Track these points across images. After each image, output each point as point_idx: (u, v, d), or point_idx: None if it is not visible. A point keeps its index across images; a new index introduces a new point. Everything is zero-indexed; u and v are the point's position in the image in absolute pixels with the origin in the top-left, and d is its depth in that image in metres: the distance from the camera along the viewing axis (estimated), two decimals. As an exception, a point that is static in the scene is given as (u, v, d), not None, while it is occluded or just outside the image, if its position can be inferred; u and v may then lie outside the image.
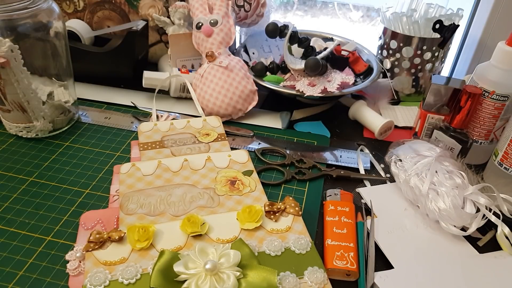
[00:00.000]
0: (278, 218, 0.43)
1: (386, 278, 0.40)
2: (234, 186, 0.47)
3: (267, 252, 0.39)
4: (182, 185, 0.47)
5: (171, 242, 0.40)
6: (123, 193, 0.46)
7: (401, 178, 0.50)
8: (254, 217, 0.42)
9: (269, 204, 0.44)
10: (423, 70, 0.70)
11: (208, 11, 0.67)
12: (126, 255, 0.38)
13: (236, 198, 0.46)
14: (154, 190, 0.46)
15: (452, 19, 0.67)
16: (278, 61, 0.73)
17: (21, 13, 0.51)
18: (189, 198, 0.45)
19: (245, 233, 0.41)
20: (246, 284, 0.35)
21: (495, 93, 0.51)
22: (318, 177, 0.54)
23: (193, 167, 0.50)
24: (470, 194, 0.45)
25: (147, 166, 0.50)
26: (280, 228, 0.42)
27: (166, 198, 0.45)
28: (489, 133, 0.55)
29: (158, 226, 0.41)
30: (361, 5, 0.97)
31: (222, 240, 0.40)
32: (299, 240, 0.40)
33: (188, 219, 0.41)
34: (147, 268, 0.37)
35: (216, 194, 0.46)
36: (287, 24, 0.68)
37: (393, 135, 0.64)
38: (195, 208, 0.44)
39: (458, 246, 0.45)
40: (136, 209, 0.44)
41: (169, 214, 0.43)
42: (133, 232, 0.39)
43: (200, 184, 0.48)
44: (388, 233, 0.46)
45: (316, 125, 0.66)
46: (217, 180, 0.48)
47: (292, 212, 0.43)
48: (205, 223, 0.42)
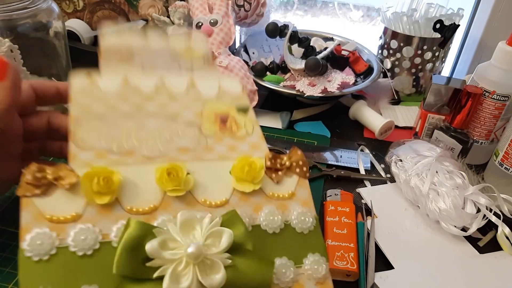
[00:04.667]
0: (280, 178, 0.33)
1: (387, 279, 0.40)
2: (225, 126, 0.36)
3: (263, 228, 0.31)
4: (157, 116, 0.35)
5: (143, 198, 0.29)
6: (77, 118, 0.32)
7: (402, 178, 0.50)
8: (254, 176, 0.32)
9: (272, 157, 0.34)
10: (424, 70, 0.70)
11: (208, 10, 0.67)
12: (81, 211, 0.28)
13: (228, 141, 0.35)
14: (119, 118, 0.33)
15: (453, 19, 0.67)
16: (278, 61, 0.73)
17: (21, 13, 0.50)
18: (167, 135, 0.34)
19: (239, 196, 0.32)
20: (233, 274, 0.27)
21: (495, 93, 0.51)
22: (318, 177, 0.54)
23: (172, 91, 0.37)
24: (470, 194, 0.45)
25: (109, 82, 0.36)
26: (282, 193, 0.33)
27: (136, 131, 0.33)
28: (490, 133, 0.54)
29: (125, 171, 0.30)
30: (361, 5, 0.97)
31: (209, 203, 0.31)
32: (302, 214, 0.32)
33: (168, 171, 0.30)
34: (109, 234, 0.27)
35: (203, 133, 0.34)
36: (287, 23, 0.68)
37: (393, 135, 0.64)
38: (174, 150, 0.33)
39: (458, 247, 0.44)
40: (94, 142, 0.31)
41: (139, 155, 0.31)
42: (90, 180, 0.28)
43: (181, 117, 0.35)
44: (388, 233, 0.45)
45: (316, 125, 0.66)
46: (204, 114, 0.36)
47: (298, 172, 0.34)
48: (190, 175, 0.31)
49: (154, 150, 0.32)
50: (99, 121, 0.33)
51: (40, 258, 0.25)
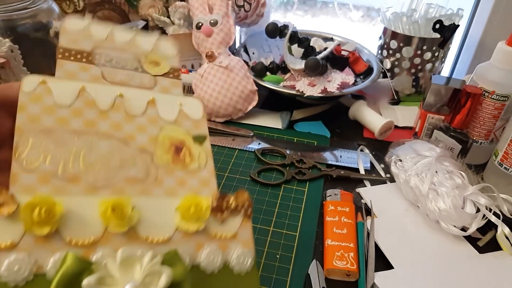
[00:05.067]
0: (225, 218, 0.33)
1: (386, 278, 0.40)
2: (179, 156, 0.35)
3: (201, 266, 0.31)
4: (109, 137, 0.33)
5: (84, 231, 0.28)
6: (22, 129, 0.30)
7: (401, 178, 0.50)
8: (199, 216, 0.32)
9: (220, 197, 0.34)
10: (423, 70, 0.70)
11: (208, 11, 0.67)
12: (17, 239, 0.27)
13: (179, 175, 0.34)
14: (69, 136, 0.31)
15: (452, 19, 0.67)
16: (278, 61, 0.73)
17: (21, 13, 0.51)
18: (117, 162, 0.32)
19: (181, 235, 0.32)
20: None
21: (495, 93, 0.51)
22: (318, 177, 0.54)
23: (130, 109, 0.35)
24: (470, 194, 0.45)
25: (64, 90, 0.33)
26: (225, 233, 0.33)
27: (85, 153, 0.31)
28: (489, 133, 0.55)
29: (68, 201, 0.29)
30: (361, 5, 0.97)
31: (151, 240, 0.31)
32: (242, 255, 0.33)
33: (113, 207, 0.29)
34: (45, 266, 0.26)
35: (154, 163, 0.33)
36: (287, 24, 0.68)
37: (393, 135, 0.64)
38: (122, 181, 0.31)
39: (458, 246, 0.44)
40: (39, 162, 0.29)
41: (85, 183, 0.30)
42: (31, 210, 0.27)
43: (135, 142, 0.34)
44: (388, 233, 0.46)
45: (316, 125, 0.66)
46: (159, 141, 0.35)
47: (243, 213, 0.34)
48: (135, 211, 0.30)
49: (101, 178, 0.31)
50: (46, 136, 0.31)
51: None
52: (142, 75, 0.39)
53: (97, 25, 0.39)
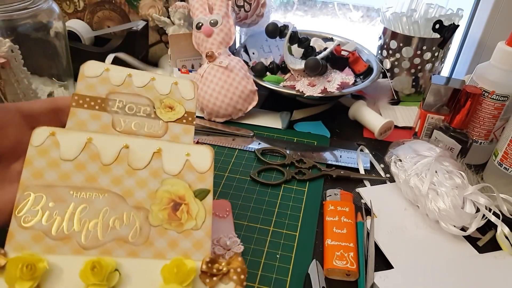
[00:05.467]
0: (214, 284, 0.31)
1: (386, 278, 0.40)
2: (175, 214, 0.34)
3: None
4: (107, 194, 0.33)
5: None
6: (25, 185, 0.31)
7: (401, 178, 0.50)
8: (182, 279, 0.30)
9: (210, 260, 0.32)
10: (423, 70, 0.70)
11: (208, 11, 0.67)
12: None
13: (171, 235, 0.33)
14: (69, 193, 0.32)
15: (452, 19, 0.67)
16: (278, 61, 0.73)
17: (21, 13, 0.51)
18: (111, 221, 0.32)
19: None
20: None
21: (495, 93, 0.51)
22: (318, 177, 0.54)
23: (133, 162, 0.35)
24: (470, 194, 0.45)
25: (71, 142, 0.34)
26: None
27: (81, 211, 0.32)
28: (489, 133, 0.55)
29: (53, 259, 0.29)
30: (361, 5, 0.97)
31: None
32: None
33: (93, 265, 0.29)
34: None
35: (148, 222, 0.33)
36: (287, 24, 0.68)
37: (393, 135, 0.64)
38: (112, 241, 0.31)
39: (458, 246, 0.45)
40: (36, 220, 0.30)
41: (75, 243, 0.31)
42: (15, 266, 0.28)
43: (132, 199, 0.33)
44: (388, 233, 0.46)
45: (316, 125, 0.66)
46: (157, 196, 0.34)
47: (235, 280, 0.32)
48: (116, 272, 0.30)
49: (92, 239, 0.31)
50: (47, 192, 0.32)
51: None
52: (153, 122, 0.39)
53: (116, 69, 0.40)
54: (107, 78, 0.40)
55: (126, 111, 0.38)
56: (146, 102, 0.40)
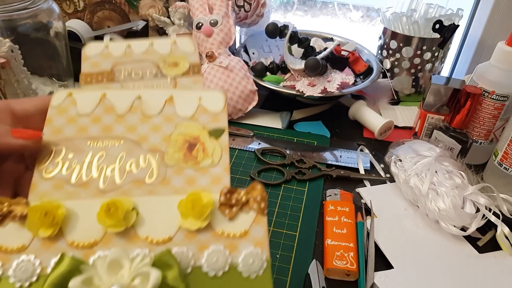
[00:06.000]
0: (234, 214, 0.32)
1: (386, 278, 0.40)
2: (191, 154, 0.34)
3: (204, 269, 0.30)
4: (123, 140, 0.34)
5: (86, 233, 0.30)
6: (46, 140, 0.33)
7: (401, 178, 0.50)
8: (200, 213, 0.32)
9: (228, 191, 0.33)
10: (423, 70, 0.70)
11: (208, 11, 0.67)
12: (27, 242, 0.29)
13: (189, 173, 0.33)
14: (86, 144, 0.34)
15: (452, 19, 0.67)
16: (278, 61, 0.73)
17: (21, 13, 0.51)
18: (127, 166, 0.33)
19: (184, 234, 0.31)
20: None
21: (495, 93, 0.51)
22: (318, 177, 0.54)
23: (146, 110, 0.36)
24: (470, 194, 0.45)
25: (86, 100, 0.36)
26: (233, 231, 0.31)
27: (98, 159, 0.33)
28: (489, 133, 0.55)
29: (72, 205, 0.31)
30: (361, 5, 0.97)
31: (151, 240, 0.31)
32: (252, 256, 0.30)
33: (108, 207, 0.30)
34: (47, 267, 0.28)
35: (164, 163, 0.33)
36: (287, 24, 0.68)
37: (393, 135, 0.64)
38: (129, 183, 0.32)
39: (458, 246, 0.45)
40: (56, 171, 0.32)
41: (94, 188, 0.32)
42: (35, 214, 0.29)
43: (147, 143, 0.34)
44: (388, 233, 0.46)
45: (316, 125, 0.66)
46: (172, 139, 0.35)
47: (255, 208, 0.32)
48: (134, 211, 0.31)
49: (110, 183, 0.32)
50: (66, 145, 0.33)
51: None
52: (161, 81, 0.40)
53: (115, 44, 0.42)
54: (108, 53, 0.41)
55: (133, 77, 0.40)
56: (150, 65, 0.41)
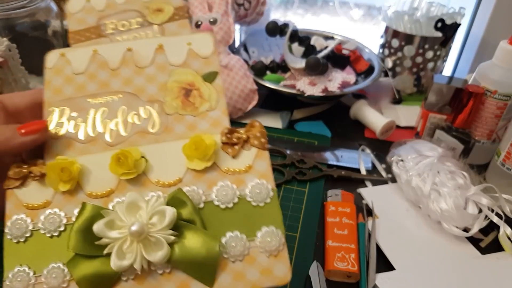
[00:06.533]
0: (237, 152, 0.34)
1: (388, 280, 0.40)
2: (188, 100, 0.36)
3: (215, 203, 0.32)
4: (121, 94, 0.36)
5: (101, 183, 0.33)
6: (49, 102, 0.35)
7: (403, 178, 0.49)
8: (204, 154, 0.33)
9: (228, 131, 0.34)
10: (425, 69, 0.70)
11: (207, 9, 0.66)
12: (50, 198, 0.32)
13: (189, 119, 0.35)
14: (86, 101, 0.36)
15: (454, 18, 0.67)
16: (278, 60, 0.73)
17: (19, 12, 0.50)
18: (129, 118, 0.35)
19: (192, 174, 0.33)
20: (180, 250, 0.29)
21: (497, 92, 0.51)
22: (319, 178, 0.54)
23: (138, 61, 0.37)
24: (472, 195, 0.45)
25: (79, 58, 0.37)
26: (238, 167, 0.33)
27: (101, 115, 0.35)
28: (492, 133, 0.54)
29: (85, 160, 0.33)
30: (362, 4, 0.96)
31: (162, 183, 0.33)
32: (258, 187, 0.33)
33: (118, 157, 0.32)
34: (72, 217, 0.31)
35: (164, 112, 0.35)
36: (288, 22, 0.68)
37: (394, 135, 0.64)
38: (134, 134, 0.35)
39: (460, 247, 0.44)
40: (64, 130, 0.34)
41: (102, 142, 0.34)
42: (53, 171, 0.32)
43: (145, 94, 0.36)
44: (389, 234, 0.45)
45: (316, 124, 0.66)
46: (168, 87, 0.36)
47: (256, 144, 0.34)
48: (142, 159, 0.33)
49: (116, 136, 0.34)
50: (68, 105, 0.35)
51: (19, 240, 0.30)
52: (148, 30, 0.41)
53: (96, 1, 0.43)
54: (90, 7, 0.43)
55: (120, 30, 0.42)
56: (135, 14, 0.43)
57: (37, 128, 0.32)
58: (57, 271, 0.29)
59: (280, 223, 0.32)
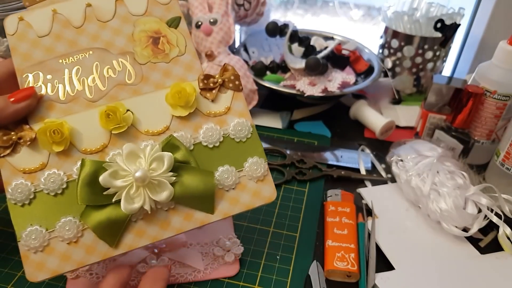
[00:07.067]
0: (214, 96, 0.36)
1: (387, 280, 0.40)
2: (158, 48, 0.37)
3: (203, 144, 0.35)
4: (91, 51, 0.36)
5: (93, 140, 0.34)
6: (20, 69, 0.35)
7: (402, 178, 0.49)
8: (186, 101, 0.35)
9: (204, 77, 0.36)
10: (425, 69, 0.70)
11: (207, 9, 0.66)
12: (45, 160, 0.33)
13: (162, 66, 0.37)
14: (58, 62, 0.35)
15: (454, 18, 0.67)
16: (278, 60, 0.73)
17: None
18: (105, 72, 0.36)
19: (178, 121, 0.35)
20: (181, 187, 0.32)
21: (496, 92, 0.51)
22: (319, 178, 0.54)
23: (101, 15, 0.37)
24: (471, 195, 0.45)
25: (39, 20, 0.36)
26: (218, 110, 0.36)
27: (76, 73, 0.35)
28: (491, 133, 0.54)
29: (73, 119, 0.34)
30: (362, 4, 0.96)
31: (152, 132, 0.35)
32: (239, 125, 0.36)
33: (106, 113, 0.33)
34: (72, 174, 0.33)
35: (137, 62, 0.36)
36: (287, 23, 0.68)
37: (394, 135, 0.64)
38: (113, 88, 0.35)
39: (459, 247, 0.44)
40: (43, 93, 0.35)
41: (83, 99, 0.35)
42: (45, 134, 0.33)
43: (114, 47, 0.36)
44: (389, 234, 0.45)
45: (316, 125, 0.66)
46: (135, 38, 0.37)
47: (231, 87, 0.37)
48: (128, 112, 0.35)
49: (96, 92, 0.35)
50: (40, 69, 0.35)
51: (23, 203, 0.32)
52: None
53: None
54: None
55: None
56: None
57: (27, 94, 0.33)
58: (70, 224, 0.32)
59: (262, 153, 0.36)
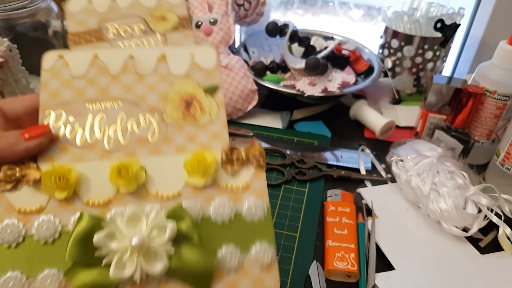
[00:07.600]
0: (236, 171, 0.35)
1: (387, 279, 0.40)
2: (189, 111, 0.36)
3: (212, 219, 0.33)
4: (121, 101, 0.36)
5: (99, 192, 0.32)
6: (44, 105, 0.34)
7: (402, 178, 0.49)
8: (205, 171, 0.34)
9: (229, 150, 0.35)
10: (425, 69, 0.70)
11: (207, 10, 0.66)
12: (44, 203, 0.32)
13: (189, 130, 0.35)
14: (85, 106, 0.35)
15: (454, 18, 0.67)
16: (278, 60, 0.73)
17: (20, 12, 0.50)
18: (128, 126, 0.35)
19: (191, 189, 0.34)
20: (178, 261, 0.30)
21: (496, 92, 0.51)
22: (319, 178, 0.54)
23: (140, 69, 0.37)
24: (471, 195, 0.45)
25: (78, 61, 0.36)
26: (236, 185, 0.34)
27: (99, 121, 0.35)
28: (491, 133, 0.54)
29: (83, 167, 0.33)
30: (362, 4, 0.96)
31: (161, 195, 0.33)
32: (254, 205, 0.34)
33: (118, 169, 0.32)
34: (68, 225, 0.31)
35: (164, 121, 0.35)
36: (287, 23, 0.68)
37: (394, 135, 0.64)
38: (133, 142, 0.34)
39: (459, 247, 0.44)
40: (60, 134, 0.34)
41: (99, 148, 0.34)
42: (50, 178, 0.31)
43: (145, 102, 0.36)
44: (389, 234, 0.45)
45: (316, 125, 0.66)
46: (169, 98, 0.36)
47: (254, 164, 0.35)
48: (143, 170, 0.33)
49: (114, 143, 0.34)
50: (65, 109, 0.34)
51: (10, 244, 0.30)
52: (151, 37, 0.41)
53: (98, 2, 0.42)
54: (92, 9, 0.42)
55: (122, 35, 0.41)
56: (138, 20, 0.42)
57: (40, 132, 0.32)
58: (53, 278, 0.30)
59: (273, 239, 0.33)
